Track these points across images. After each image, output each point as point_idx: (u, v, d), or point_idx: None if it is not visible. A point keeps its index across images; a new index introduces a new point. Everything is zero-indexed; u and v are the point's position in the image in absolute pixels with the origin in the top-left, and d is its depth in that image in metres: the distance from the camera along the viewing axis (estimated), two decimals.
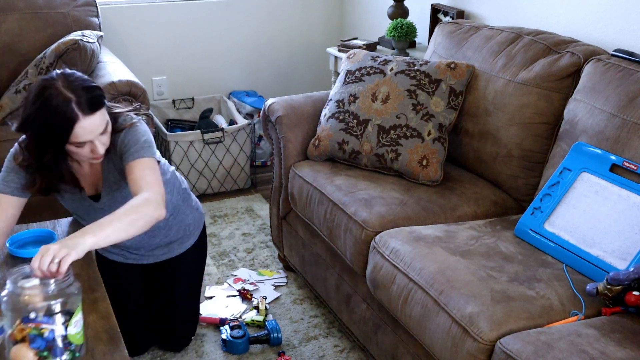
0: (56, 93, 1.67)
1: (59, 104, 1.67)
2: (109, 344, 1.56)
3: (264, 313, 2.54)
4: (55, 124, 1.68)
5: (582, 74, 2.22)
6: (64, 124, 1.68)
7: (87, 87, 1.72)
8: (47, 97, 1.67)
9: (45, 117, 1.68)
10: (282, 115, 2.61)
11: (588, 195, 1.99)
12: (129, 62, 3.56)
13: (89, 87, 1.72)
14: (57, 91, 1.67)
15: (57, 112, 1.67)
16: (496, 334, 1.64)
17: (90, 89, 1.72)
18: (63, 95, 1.67)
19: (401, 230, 2.08)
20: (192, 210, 2.25)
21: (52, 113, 1.67)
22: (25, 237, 1.98)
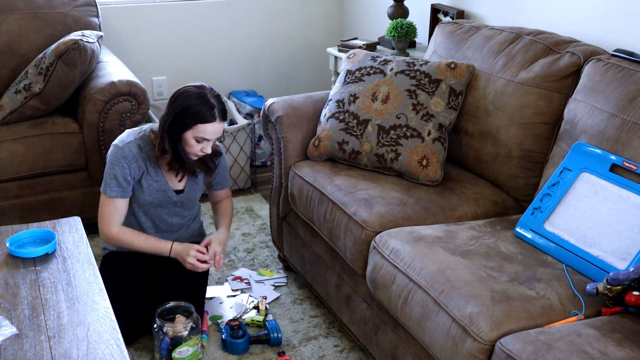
0: (207, 97, 2.21)
1: (206, 104, 2.19)
2: (110, 345, 1.56)
3: (264, 313, 2.54)
4: (197, 114, 2.18)
5: (582, 74, 2.22)
6: (203, 117, 2.18)
7: (224, 104, 2.28)
8: (199, 95, 2.20)
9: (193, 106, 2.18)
10: (282, 115, 2.61)
11: (588, 195, 1.99)
12: (129, 62, 3.55)
13: (224, 104, 2.28)
14: (207, 95, 2.21)
15: (202, 108, 2.18)
16: (496, 334, 1.64)
17: (224, 106, 2.28)
18: (211, 101, 2.21)
19: (401, 230, 2.08)
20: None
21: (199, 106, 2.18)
22: (25, 237, 1.98)
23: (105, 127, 2.86)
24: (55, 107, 2.92)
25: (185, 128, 2.20)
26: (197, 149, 2.25)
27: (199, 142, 2.23)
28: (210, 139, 2.24)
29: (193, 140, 2.22)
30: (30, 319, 1.64)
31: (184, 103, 2.19)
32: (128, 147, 2.26)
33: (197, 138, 2.22)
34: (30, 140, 2.81)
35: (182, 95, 2.21)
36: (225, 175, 2.54)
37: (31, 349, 1.54)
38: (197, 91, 2.21)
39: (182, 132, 2.21)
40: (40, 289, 1.76)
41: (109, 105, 2.83)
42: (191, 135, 2.21)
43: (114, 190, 2.27)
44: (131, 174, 2.27)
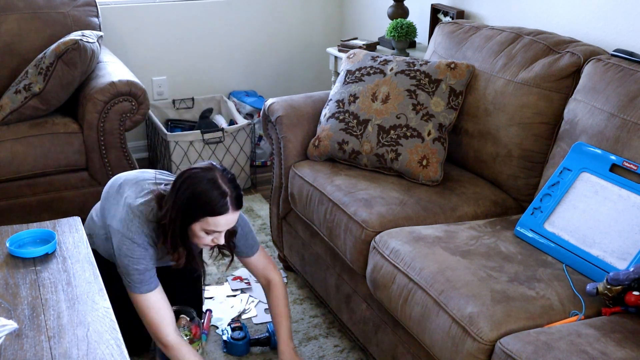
0: (219, 183, 1.85)
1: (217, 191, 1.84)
2: (110, 345, 1.56)
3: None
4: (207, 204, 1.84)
5: (582, 74, 2.22)
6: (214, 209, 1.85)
7: (239, 189, 1.91)
8: (211, 180, 1.85)
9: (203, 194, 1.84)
10: (282, 115, 2.61)
11: (588, 195, 1.99)
12: (129, 62, 3.56)
13: (239, 187, 1.92)
14: (219, 181, 1.85)
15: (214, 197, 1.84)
16: (496, 334, 1.64)
17: (239, 188, 1.91)
18: (223, 188, 1.85)
19: (401, 230, 2.08)
20: None
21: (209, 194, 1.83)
22: (25, 237, 1.98)
23: (105, 127, 2.86)
24: (55, 107, 2.92)
25: (192, 220, 1.88)
26: (208, 240, 1.93)
27: (209, 234, 1.92)
28: (223, 231, 1.92)
29: (202, 233, 1.90)
30: (30, 319, 1.64)
31: (192, 190, 1.85)
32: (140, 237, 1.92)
33: (206, 231, 1.90)
34: (30, 140, 2.81)
35: (188, 180, 1.87)
36: (247, 242, 2.17)
37: (31, 349, 1.54)
38: (207, 176, 1.86)
39: (189, 224, 1.89)
40: (40, 289, 1.76)
41: (109, 105, 2.83)
42: (199, 228, 1.89)
43: (148, 283, 1.95)
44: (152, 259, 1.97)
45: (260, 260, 2.24)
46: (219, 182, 1.85)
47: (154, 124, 3.56)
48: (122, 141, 2.94)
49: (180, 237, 1.92)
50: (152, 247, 1.95)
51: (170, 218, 1.89)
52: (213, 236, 1.92)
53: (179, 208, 1.87)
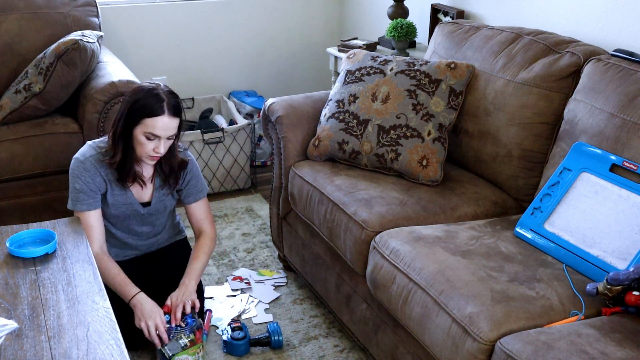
0: (158, 91, 2.10)
1: (155, 97, 2.08)
2: (110, 345, 1.56)
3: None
4: (145, 107, 2.07)
5: (582, 74, 2.22)
6: (151, 110, 2.07)
7: (177, 99, 2.15)
8: (150, 89, 2.10)
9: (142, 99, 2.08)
10: (282, 115, 2.61)
11: (588, 195, 1.99)
12: (129, 62, 3.56)
13: (178, 100, 2.15)
14: (158, 90, 2.11)
15: (151, 101, 2.08)
16: (496, 334, 1.64)
17: (178, 101, 2.15)
18: (161, 95, 2.09)
19: (401, 230, 2.08)
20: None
21: (147, 99, 2.08)
22: (25, 237, 1.98)
23: (105, 127, 2.86)
24: (55, 107, 2.92)
25: (134, 123, 2.09)
26: (149, 147, 2.11)
27: (150, 139, 2.10)
28: (161, 136, 2.10)
29: (143, 138, 2.09)
30: (30, 319, 1.64)
31: (133, 97, 2.10)
32: (89, 160, 2.16)
33: (146, 134, 2.09)
34: (30, 140, 2.81)
35: (133, 90, 2.13)
36: (196, 187, 2.37)
37: (31, 349, 1.53)
38: (148, 86, 2.12)
39: (132, 129, 2.10)
40: (40, 289, 1.76)
41: (109, 105, 2.83)
42: (140, 132, 2.09)
43: (83, 203, 2.17)
44: (97, 187, 2.18)
45: (201, 210, 2.41)
46: (157, 90, 2.11)
47: None
48: None
49: (122, 138, 2.12)
50: (97, 177, 2.17)
51: (115, 121, 2.13)
52: (154, 144, 2.11)
53: (123, 110, 2.11)
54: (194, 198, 2.39)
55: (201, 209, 2.41)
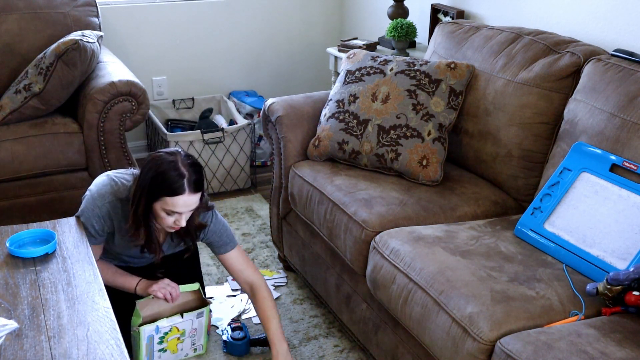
0: (178, 166, 1.95)
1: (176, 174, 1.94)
2: (110, 345, 1.56)
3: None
4: (165, 184, 1.94)
5: (582, 74, 2.22)
6: (171, 189, 1.94)
7: (199, 173, 2.00)
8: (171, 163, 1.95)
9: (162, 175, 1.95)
10: (282, 115, 2.61)
11: (588, 195, 1.99)
12: (129, 62, 3.56)
13: (200, 174, 2.00)
14: (179, 165, 1.96)
15: (172, 179, 1.94)
16: (496, 334, 1.64)
17: (200, 173, 2.00)
18: (182, 171, 1.95)
19: (401, 230, 2.08)
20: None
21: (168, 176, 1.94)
22: (25, 237, 1.98)
23: (105, 127, 2.86)
24: (55, 107, 2.92)
25: (153, 199, 1.97)
26: (170, 221, 2.00)
27: (170, 215, 1.99)
28: (182, 212, 1.99)
29: (163, 213, 1.99)
30: (30, 319, 1.64)
31: (152, 172, 1.96)
32: (106, 206, 2.05)
33: (167, 211, 1.98)
34: (30, 140, 2.81)
35: (152, 160, 1.99)
36: (221, 239, 2.24)
37: (31, 349, 1.53)
38: (168, 159, 1.96)
39: (151, 204, 1.98)
40: (40, 289, 1.76)
41: (109, 105, 2.83)
42: (160, 207, 1.98)
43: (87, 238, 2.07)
44: (104, 229, 2.09)
45: (237, 260, 2.27)
46: (178, 165, 1.96)
47: (154, 124, 3.56)
48: (122, 141, 2.94)
49: (143, 216, 2.01)
50: (108, 220, 2.07)
51: (135, 196, 2.00)
52: (174, 217, 2.00)
53: (143, 187, 1.98)
54: (223, 249, 2.26)
55: (237, 259, 2.28)
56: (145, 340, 2.15)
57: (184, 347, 2.27)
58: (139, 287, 2.20)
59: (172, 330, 2.20)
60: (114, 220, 2.08)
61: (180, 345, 2.25)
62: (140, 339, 2.14)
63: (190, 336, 2.26)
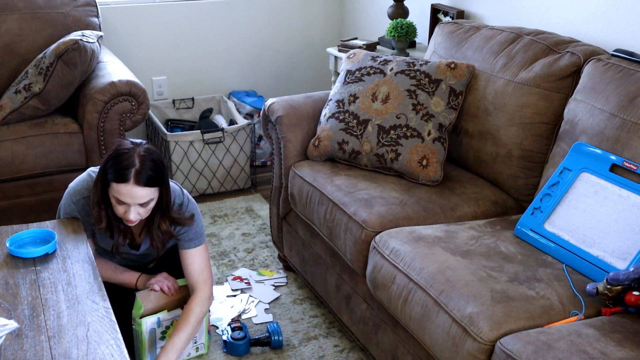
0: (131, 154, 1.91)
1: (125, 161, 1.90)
2: (110, 345, 1.56)
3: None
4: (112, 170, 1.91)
5: (582, 74, 2.22)
6: (117, 175, 1.90)
7: (154, 168, 1.93)
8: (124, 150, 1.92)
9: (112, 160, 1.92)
10: (282, 115, 2.61)
11: (588, 195, 1.99)
12: (129, 62, 3.56)
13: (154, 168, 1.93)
14: (132, 153, 1.92)
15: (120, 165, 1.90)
16: (496, 334, 1.64)
17: (155, 170, 1.93)
18: (133, 159, 1.90)
19: (401, 230, 2.08)
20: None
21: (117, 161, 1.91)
22: (25, 237, 1.98)
23: (105, 127, 2.86)
24: (55, 107, 2.92)
25: (105, 184, 1.95)
26: (120, 211, 1.96)
27: (119, 204, 1.95)
28: (128, 203, 1.92)
29: (114, 200, 1.95)
30: (30, 319, 1.64)
31: (108, 155, 1.96)
32: (81, 203, 2.06)
33: (115, 198, 1.94)
34: (30, 140, 2.81)
35: (113, 146, 1.99)
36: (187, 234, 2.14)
37: (31, 349, 1.53)
38: (127, 146, 1.95)
39: (106, 187, 1.96)
40: (40, 289, 1.76)
41: (109, 105, 2.83)
42: (111, 194, 1.95)
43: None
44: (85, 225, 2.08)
45: (195, 260, 2.16)
46: (133, 154, 1.91)
47: (154, 124, 3.56)
48: None
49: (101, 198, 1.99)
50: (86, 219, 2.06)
51: (96, 178, 2.01)
52: (123, 208, 1.95)
53: (101, 169, 1.98)
54: (186, 245, 2.15)
55: (195, 260, 2.17)
56: (147, 335, 2.15)
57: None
58: (140, 281, 2.22)
59: (173, 325, 2.20)
60: (90, 216, 2.05)
61: None
62: (142, 331, 2.14)
63: None
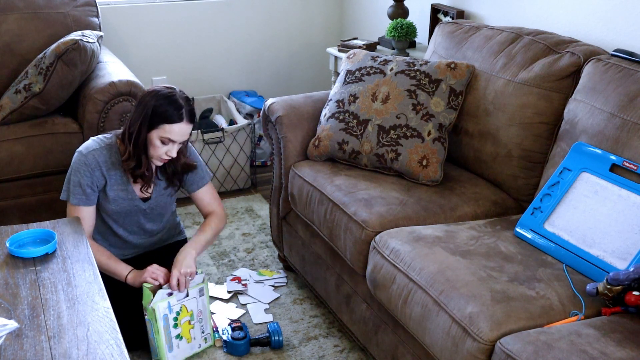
0: (176, 97, 2.16)
1: (174, 103, 2.14)
2: (110, 345, 1.56)
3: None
4: (165, 113, 2.12)
5: (582, 74, 2.22)
6: (171, 117, 2.13)
7: (192, 105, 2.21)
8: (169, 95, 2.16)
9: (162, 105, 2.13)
10: (282, 115, 2.61)
11: (588, 195, 1.99)
12: (129, 62, 3.56)
13: (193, 106, 2.22)
14: (177, 96, 2.16)
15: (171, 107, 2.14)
16: (496, 334, 1.64)
17: (193, 108, 2.22)
18: (180, 102, 2.15)
19: (401, 230, 2.08)
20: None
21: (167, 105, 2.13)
22: (25, 237, 1.98)
23: (106, 127, 2.86)
24: (55, 107, 2.92)
25: (151, 127, 2.14)
26: (162, 151, 2.18)
27: (165, 143, 2.17)
28: (176, 141, 2.18)
29: (158, 141, 2.16)
30: (30, 319, 1.64)
31: (151, 102, 2.14)
32: (92, 154, 2.20)
33: (162, 139, 2.16)
34: (30, 140, 2.81)
35: (150, 94, 2.16)
36: (194, 178, 2.40)
37: (31, 349, 1.53)
38: (166, 91, 2.17)
39: (148, 132, 2.15)
40: (40, 289, 1.76)
41: (109, 105, 2.83)
42: (156, 136, 2.15)
43: (76, 197, 2.21)
44: (94, 183, 2.21)
45: (207, 195, 2.44)
46: (175, 97, 2.16)
47: None
48: None
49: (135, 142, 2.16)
50: (97, 172, 2.20)
51: (132, 125, 2.16)
52: (167, 147, 2.17)
53: (144, 115, 2.14)
54: (197, 186, 2.41)
55: (207, 194, 2.44)
56: (162, 322, 2.17)
57: (196, 335, 2.30)
58: (130, 276, 2.25)
59: (182, 310, 2.23)
60: (102, 169, 2.21)
61: (193, 332, 2.28)
62: (157, 318, 2.16)
63: (199, 320, 2.30)
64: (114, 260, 2.27)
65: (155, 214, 2.39)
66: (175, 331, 2.23)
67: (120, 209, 2.30)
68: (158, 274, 2.24)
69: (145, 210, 2.35)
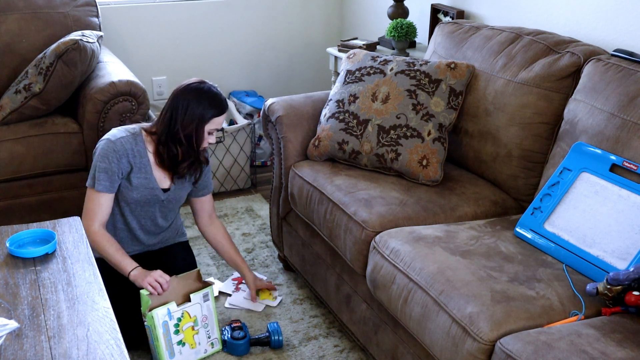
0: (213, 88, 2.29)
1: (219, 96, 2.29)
2: (110, 345, 1.56)
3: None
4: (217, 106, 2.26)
5: (582, 74, 2.22)
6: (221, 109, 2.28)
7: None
8: (212, 88, 2.28)
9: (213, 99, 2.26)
10: (282, 115, 2.61)
11: (588, 195, 1.99)
12: (129, 62, 3.56)
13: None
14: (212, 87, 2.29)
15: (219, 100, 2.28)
16: (496, 334, 1.64)
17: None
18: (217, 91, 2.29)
19: (401, 230, 2.08)
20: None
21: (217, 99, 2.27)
22: (25, 237, 1.98)
23: (105, 127, 2.86)
24: (55, 107, 2.92)
25: (204, 122, 2.25)
26: (210, 141, 2.32)
27: (211, 134, 2.31)
28: (218, 129, 2.32)
29: (207, 134, 2.29)
30: (30, 319, 1.64)
31: (203, 100, 2.24)
32: (120, 142, 2.24)
33: (211, 130, 2.29)
34: (30, 140, 2.81)
35: (193, 92, 2.25)
36: (208, 181, 2.52)
37: (31, 349, 1.53)
38: (205, 86, 2.27)
39: (202, 127, 2.26)
40: (40, 289, 1.76)
41: (109, 105, 2.83)
42: (208, 129, 2.28)
43: (102, 184, 2.23)
44: (120, 169, 2.24)
45: (210, 202, 2.56)
46: (214, 89, 2.29)
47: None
48: None
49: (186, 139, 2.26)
50: (125, 159, 2.24)
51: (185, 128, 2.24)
52: (212, 136, 2.32)
53: (198, 117, 2.24)
54: (208, 190, 2.51)
55: (210, 202, 2.56)
56: (161, 328, 2.16)
57: (201, 341, 2.28)
58: (133, 272, 2.23)
59: (184, 317, 2.22)
60: (129, 156, 2.25)
61: (197, 338, 2.27)
62: (155, 325, 2.15)
63: (203, 325, 2.28)
64: (122, 253, 2.27)
65: (169, 207, 2.41)
66: (176, 337, 2.21)
67: (141, 197, 2.32)
68: (156, 286, 2.21)
69: (163, 202, 2.37)
